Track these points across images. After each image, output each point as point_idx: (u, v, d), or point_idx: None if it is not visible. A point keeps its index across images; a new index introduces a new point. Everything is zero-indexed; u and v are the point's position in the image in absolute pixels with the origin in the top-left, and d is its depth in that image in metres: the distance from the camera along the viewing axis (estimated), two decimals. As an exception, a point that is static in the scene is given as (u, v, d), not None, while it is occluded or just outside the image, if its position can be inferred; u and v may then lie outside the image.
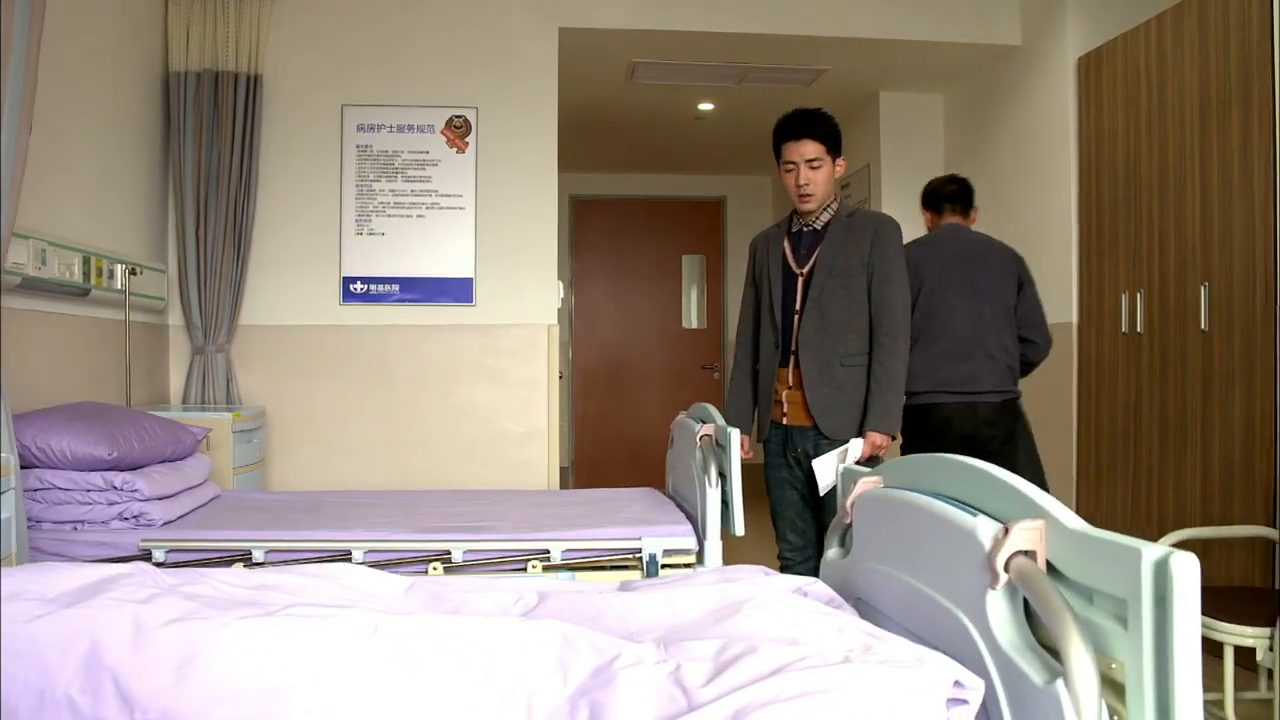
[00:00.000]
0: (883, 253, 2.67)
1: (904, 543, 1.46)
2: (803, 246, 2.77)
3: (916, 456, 1.59)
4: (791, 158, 2.69)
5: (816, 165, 2.67)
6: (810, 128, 2.69)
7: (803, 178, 2.68)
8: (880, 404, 2.64)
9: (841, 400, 2.68)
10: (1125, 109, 3.64)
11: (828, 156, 2.69)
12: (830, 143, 2.70)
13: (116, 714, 1.10)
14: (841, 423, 2.68)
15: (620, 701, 1.12)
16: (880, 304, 2.66)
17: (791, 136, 2.70)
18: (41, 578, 1.30)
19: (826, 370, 2.68)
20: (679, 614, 1.38)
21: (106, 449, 2.70)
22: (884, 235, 2.69)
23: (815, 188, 2.69)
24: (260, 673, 1.13)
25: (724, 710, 1.08)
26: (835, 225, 2.73)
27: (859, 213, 2.77)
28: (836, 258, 2.68)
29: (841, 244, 2.69)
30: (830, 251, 2.69)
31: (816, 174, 2.68)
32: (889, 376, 2.64)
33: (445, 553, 2.64)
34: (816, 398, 2.68)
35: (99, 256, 3.27)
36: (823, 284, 2.69)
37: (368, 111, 4.04)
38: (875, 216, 2.76)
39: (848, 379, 2.68)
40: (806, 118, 2.71)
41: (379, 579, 1.56)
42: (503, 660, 1.18)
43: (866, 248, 2.67)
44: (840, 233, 2.71)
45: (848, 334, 2.67)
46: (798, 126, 2.70)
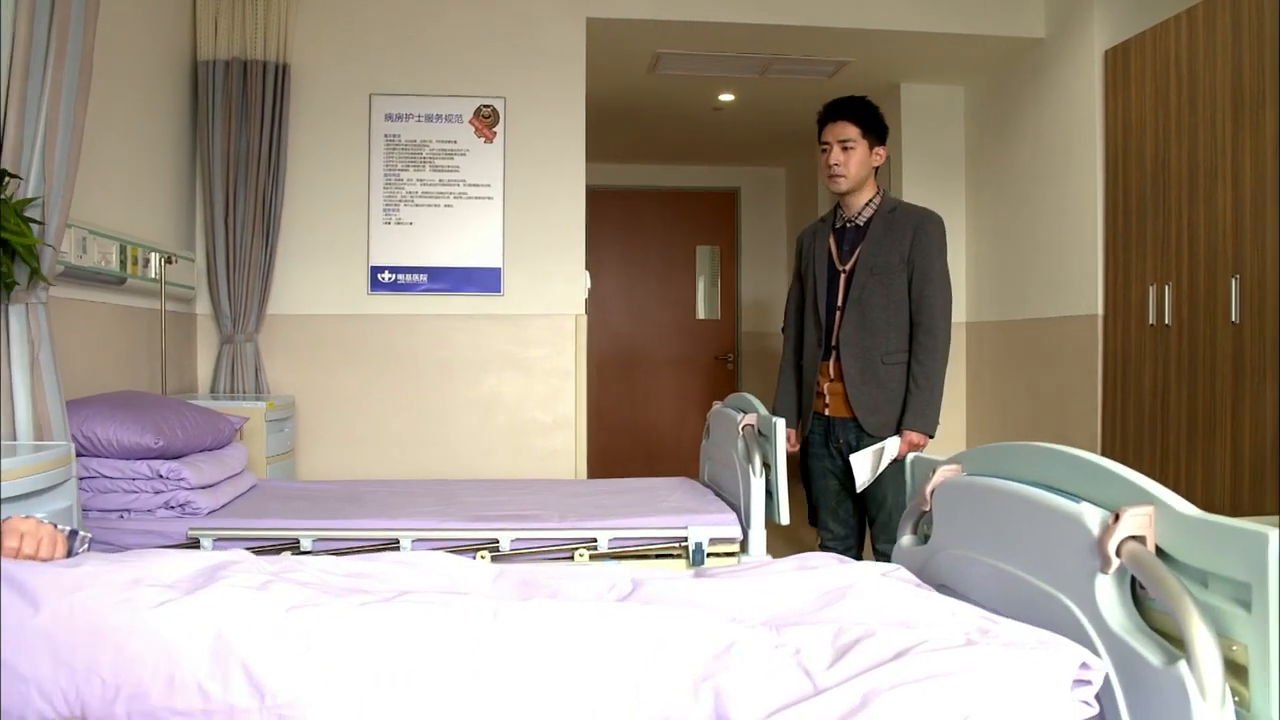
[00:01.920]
0: (923, 250, 2.67)
1: (997, 529, 1.47)
2: (846, 243, 2.76)
3: (1000, 445, 1.61)
4: (826, 138, 2.71)
5: (849, 146, 2.67)
6: (846, 110, 2.71)
7: (834, 158, 2.69)
8: (917, 403, 2.65)
9: (884, 397, 2.69)
10: (1154, 102, 3.66)
11: (863, 140, 2.69)
12: (866, 126, 2.70)
13: (247, 700, 1.10)
14: (885, 420, 2.70)
15: (745, 685, 1.14)
16: (919, 302, 2.67)
17: (829, 119, 2.73)
18: (146, 563, 1.30)
19: (868, 368, 2.69)
20: (782, 599, 1.39)
21: (153, 437, 2.70)
22: (924, 232, 2.68)
23: (846, 169, 2.68)
24: (385, 659, 1.14)
25: (852, 693, 1.10)
26: (877, 222, 2.72)
27: (901, 208, 2.77)
28: (877, 255, 2.69)
29: (882, 241, 2.69)
30: (871, 249, 2.70)
31: (849, 156, 2.67)
32: (926, 376, 2.65)
33: (493, 541, 2.65)
34: (859, 395, 2.70)
35: (135, 245, 3.26)
36: (864, 282, 2.69)
37: (396, 101, 4.03)
38: (917, 213, 2.75)
39: (889, 377, 2.69)
40: (846, 101, 2.74)
41: (467, 566, 1.57)
42: (620, 644, 1.19)
43: (907, 245, 2.67)
44: (881, 230, 2.71)
45: (888, 332, 2.68)
46: (835, 108, 2.74)
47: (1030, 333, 4.49)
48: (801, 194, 6.76)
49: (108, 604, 1.16)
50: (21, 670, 1.12)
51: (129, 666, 1.12)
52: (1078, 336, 4.11)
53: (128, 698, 1.11)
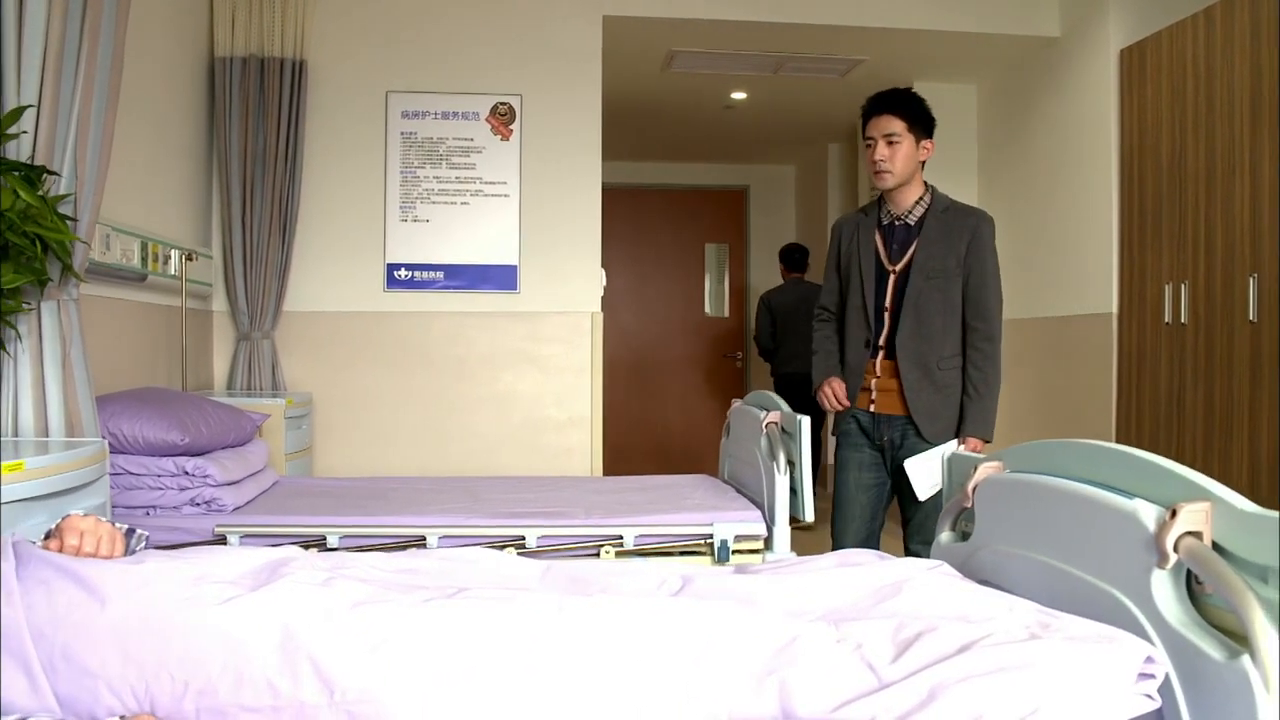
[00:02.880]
0: (979, 254, 2.60)
1: (1045, 526, 1.48)
2: (895, 241, 2.66)
3: (1044, 442, 1.62)
4: (871, 133, 2.63)
5: (895, 141, 2.58)
6: (891, 103, 2.63)
7: (879, 153, 2.60)
8: (978, 410, 2.60)
9: (941, 403, 2.62)
10: (1171, 101, 3.67)
11: (909, 134, 2.60)
12: (912, 119, 2.61)
13: (316, 695, 1.11)
14: (944, 427, 2.63)
15: (809, 679, 1.15)
16: (978, 306, 2.60)
17: (873, 112, 2.64)
18: (206, 559, 1.31)
19: (926, 374, 2.61)
20: (836, 594, 1.40)
21: (179, 434, 2.70)
22: (981, 234, 2.61)
23: (892, 164, 2.59)
24: (451, 654, 1.15)
25: (918, 686, 1.10)
26: (930, 222, 2.63)
27: (953, 208, 2.67)
28: (932, 259, 2.60)
29: (936, 244, 2.61)
30: (926, 252, 2.61)
31: (895, 150, 2.58)
32: (986, 383, 2.60)
33: (520, 538, 2.66)
34: (919, 402, 2.61)
35: (155, 242, 3.26)
36: (920, 287, 2.60)
37: (412, 98, 4.03)
38: (971, 214, 2.67)
39: (945, 381, 2.62)
40: (890, 94, 2.66)
41: (515, 563, 1.57)
42: (683, 639, 1.20)
43: (963, 248, 2.59)
44: (936, 231, 2.61)
45: (945, 337, 2.61)
46: (879, 102, 2.65)
47: (1043, 331, 4.50)
48: (811, 192, 6.76)
49: (174, 601, 1.16)
50: (90, 666, 1.13)
51: (197, 663, 1.12)
52: (1092, 335, 4.12)
53: (196, 693, 1.12)
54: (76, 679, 1.12)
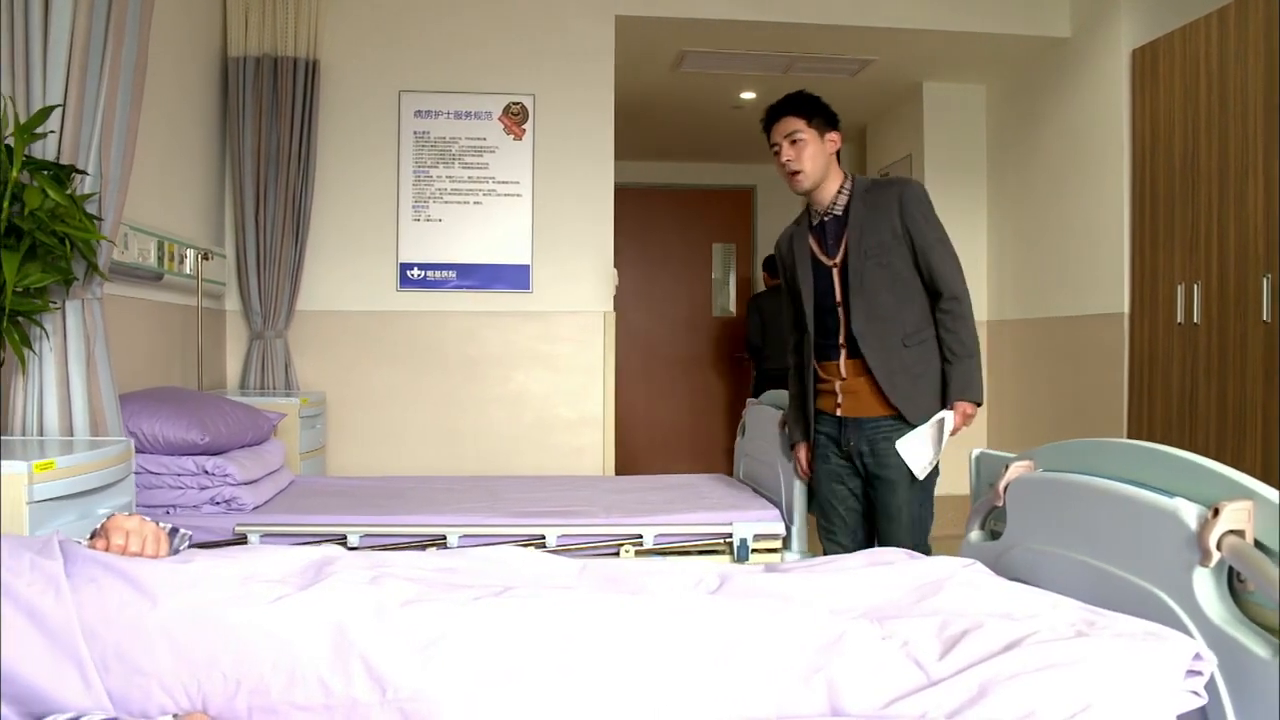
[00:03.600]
0: (914, 220, 2.45)
1: (1081, 525, 1.49)
2: (829, 236, 2.54)
3: (1078, 441, 1.62)
4: (774, 139, 2.52)
5: (798, 139, 2.46)
6: (785, 106, 2.53)
7: (785, 154, 2.49)
8: (960, 373, 2.44)
9: (914, 384, 2.47)
10: (1183, 101, 3.68)
11: (810, 129, 2.48)
12: (811, 116, 2.49)
13: (368, 693, 1.11)
14: (926, 406, 2.46)
15: (857, 676, 1.15)
16: (931, 271, 2.46)
17: (772, 120, 2.54)
18: (252, 558, 1.31)
19: (893, 356, 2.47)
20: (875, 592, 1.41)
21: (199, 434, 2.71)
22: (910, 199, 2.46)
23: (800, 164, 2.47)
24: (503, 652, 1.15)
25: (968, 683, 1.11)
26: (856, 204, 2.50)
27: (878, 183, 2.55)
28: (864, 238, 2.47)
29: (865, 221, 2.47)
30: (857, 234, 2.48)
31: (800, 149, 2.47)
32: (961, 343, 2.45)
33: (539, 537, 2.67)
34: (893, 388, 2.46)
35: (171, 241, 3.26)
36: (860, 270, 2.47)
37: (425, 98, 4.04)
38: (894, 184, 2.53)
39: (915, 360, 2.47)
40: (787, 97, 2.56)
41: (550, 561, 1.58)
42: (731, 637, 1.20)
43: (896, 218, 2.45)
44: (862, 211, 2.48)
45: (902, 313, 2.47)
46: (773, 108, 2.55)
47: (1054, 331, 4.51)
48: (816, 192, 6.77)
49: (225, 599, 1.17)
50: (142, 664, 1.13)
51: (250, 661, 1.13)
52: (1103, 335, 4.13)
53: (249, 692, 1.12)
54: (129, 677, 1.13)
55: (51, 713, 1.11)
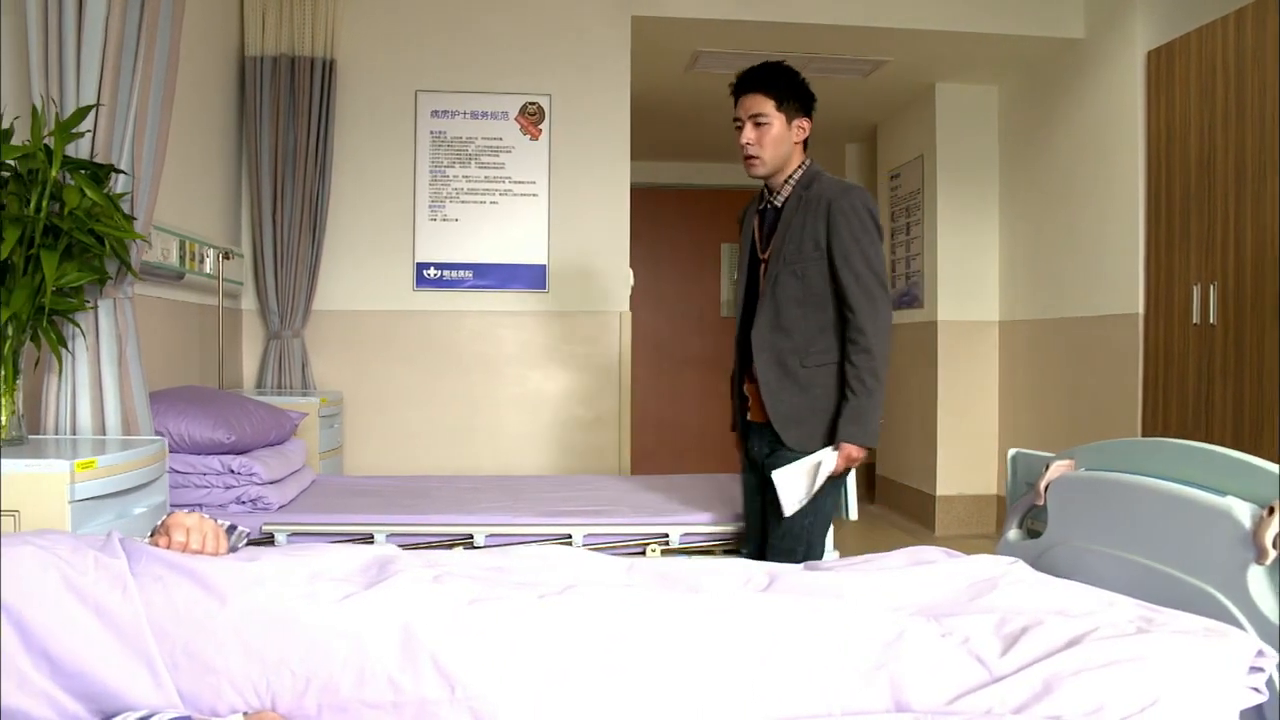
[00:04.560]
0: (838, 232, 2.23)
1: (1129, 524, 1.50)
2: (766, 225, 2.38)
3: (1122, 441, 1.63)
4: (738, 113, 2.31)
5: (763, 122, 2.26)
6: (757, 80, 2.29)
7: (745, 135, 2.29)
8: (852, 411, 2.20)
9: (807, 407, 2.27)
10: (1199, 102, 3.69)
11: (779, 114, 2.27)
12: (783, 97, 2.27)
13: (438, 691, 1.12)
14: (809, 433, 2.26)
15: (920, 672, 1.16)
16: (843, 294, 2.24)
17: (741, 91, 2.31)
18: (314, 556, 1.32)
19: (786, 374, 2.29)
20: (928, 590, 1.42)
21: (225, 433, 2.71)
22: (838, 211, 2.23)
23: (760, 149, 2.27)
24: (571, 650, 1.16)
25: (1032, 680, 1.12)
26: (792, 201, 2.32)
27: (816, 183, 2.31)
28: (788, 243, 2.28)
29: (793, 225, 2.29)
30: (783, 235, 2.30)
31: (763, 133, 2.26)
32: (860, 380, 2.20)
33: (566, 536, 2.67)
34: (776, 405, 2.28)
35: (192, 240, 3.27)
36: (775, 274, 2.30)
37: (442, 98, 4.04)
38: (831, 187, 2.29)
39: (812, 381, 2.27)
40: (762, 69, 2.31)
41: (599, 560, 1.58)
42: (793, 634, 1.21)
43: (821, 228, 2.25)
44: (793, 210, 2.30)
45: (806, 330, 2.28)
46: (749, 77, 2.31)
47: (1067, 332, 4.52)
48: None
49: (293, 598, 1.17)
50: (212, 663, 1.14)
51: (319, 659, 1.13)
52: (1117, 335, 4.14)
53: (319, 690, 1.13)
54: (199, 675, 1.13)
55: (123, 710, 1.11)
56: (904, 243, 5.48)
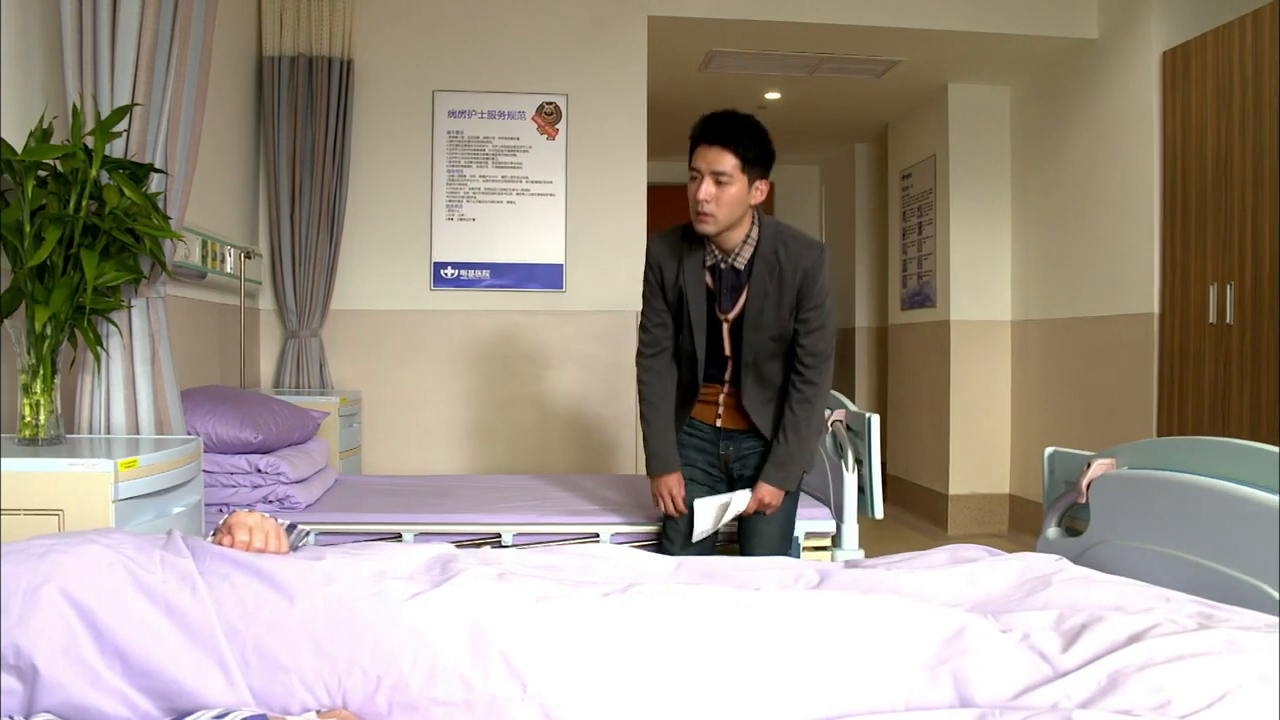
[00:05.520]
0: (811, 297, 2.28)
1: (1178, 521, 1.51)
2: (724, 286, 2.33)
3: (1165, 440, 1.64)
4: (698, 165, 2.21)
5: (724, 180, 2.18)
6: (730, 136, 2.19)
7: (704, 192, 2.18)
8: (782, 456, 2.32)
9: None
10: (1216, 103, 3.71)
11: (743, 175, 2.19)
12: (750, 160, 2.20)
13: (509, 690, 1.12)
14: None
15: (985, 668, 1.17)
16: (807, 348, 2.31)
17: (706, 140, 2.21)
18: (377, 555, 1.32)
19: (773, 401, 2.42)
20: (980, 588, 1.43)
21: (252, 432, 2.71)
22: (813, 277, 2.27)
23: (717, 208, 2.19)
24: (639, 647, 1.16)
25: (1097, 675, 1.13)
26: (759, 266, 2.28)
27: (784, 247, 2.29)
28: (764, 313, 2.30)
29: (768, 295, 2.29)
30: (756, 304, 2.30)
31: (723, 192, 2.18)
32: (796, 429, 2.32)
33: (594, 535, 2.68)
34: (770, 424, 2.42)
35: (213, 240, 3.27)
36: (754, 342, 2.34)
37: (459, 97, 4.04)
38: (801, 253, 2.29)
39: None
40: (730, 123, 2.21)
41: (646, 558, 1.59)
42: (853, 630, 1.22)
43: (793, 293, 2.29)
44: (764, 278, 2.29)
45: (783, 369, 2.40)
46: (716, 130, 2.20)
47: (1081, 331, 4.53)
48: (838, 193, 6.80)
49: (362, 596, 1.18)
50: (283, 661, 1.14)
51: (390, 657, 1.14)
52: (1132, 335, 4.16)
53: (389, 688, 1.13)
54: (270, 674, 1.13)
55: (196, 709, 1.11)
56: (915, 243, 5.49)
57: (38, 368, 1.96)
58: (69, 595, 1.14)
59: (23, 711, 1.10)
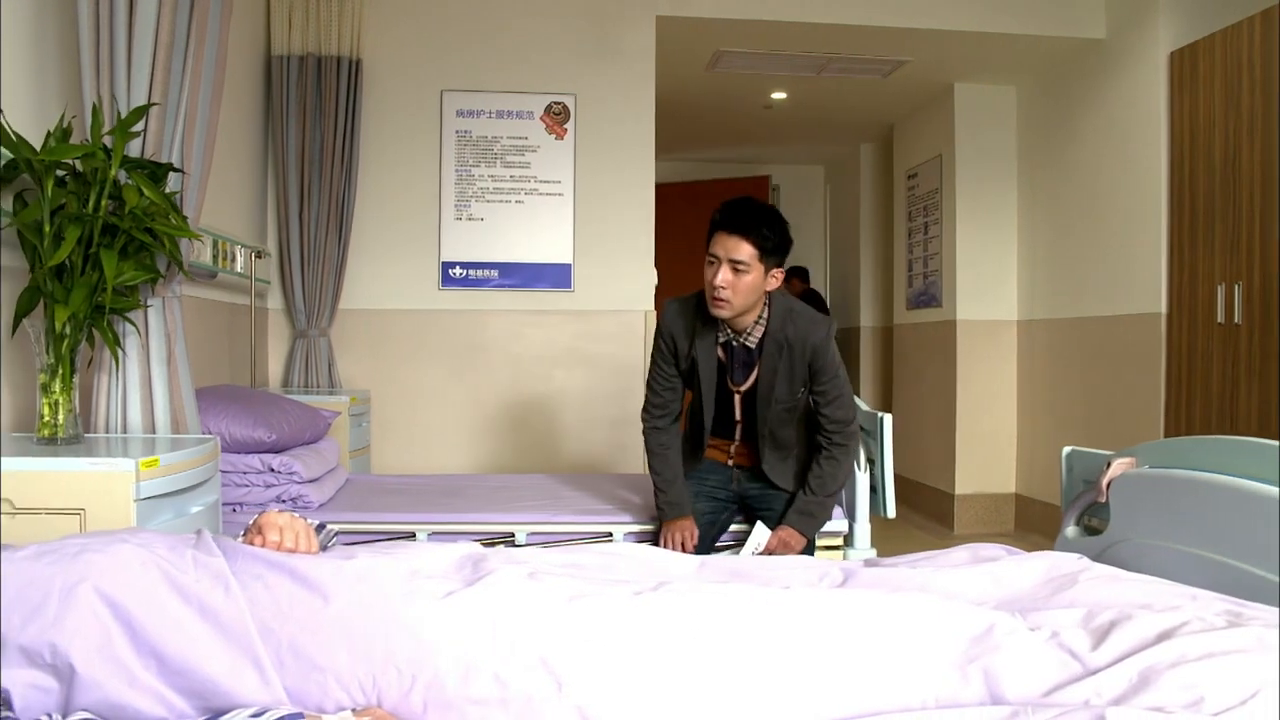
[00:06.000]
0: (824, 368, 2.41)
1: (1201, 520, 1.51)
2: (737, 362, 2.46)
3: (1185, 439, 1.65)
4: (716, 251, 2.30)
5: (741, 269, 2.27)
6: (750, 226, 2.27)
7: (721, 278, 2.28)
8: (809, 504, 2.47)
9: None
10: (1224, 103, 3.71)
11: (759, 264, 2.29)
12: (768, 250, 2.29)
13: (544, 688, 1.12)
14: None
15: (1016, 666, 1.17)
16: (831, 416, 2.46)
17: (726, 228, 2.30)
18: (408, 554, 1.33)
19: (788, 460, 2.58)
20: (1005, 587, 1.43)
21: (266, 431, 2.71)
22: (821, 353, 2.40)
23: (733, 294, 2.29)
24: (673, 645, 1.17)
25: (1128, 672, 1.13)
26: (769, 347, 2.41)
27: (790, 325, 2.41)
28: (776, 388, 2.43)
29: (780, 372, 2.42)
30: (767, 381, 2.43)
31: (739, 279, 2.28)
32: (823, 485, 2.47)
33: (607, 534, 2.68)
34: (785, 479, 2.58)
35: (224, 240, 3.27)
36: (767, 415, 2.47)
37: (467, 97, 4.05)
38: (809, 331, 2.40)
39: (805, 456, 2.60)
40: (751, 212, 2.30)
41: (670, 557, 1.59)
42: (882, 628, 1.22)
43: (804, 368, 2.42)
44: (775, 355, 2.41)
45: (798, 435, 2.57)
46: (736, 219, 2.29)
47: (1087, 331, 4.54)
48: (842, 192, 6.81)
49: (396, 595, 1.18)
50: (318, 660, 1.14)
51: (425, 656, 1.14)
52: (1139, 335, 4.17)
53: (424, 686, 1.13)
54: (305, 673, 1.14)
55: (231, 707, 1.12)
56: (921, 242, 5.50)
57: (57, 367, 1.96)
58: (104, 594, 1.14)
59: (60, 710, 1.11)
